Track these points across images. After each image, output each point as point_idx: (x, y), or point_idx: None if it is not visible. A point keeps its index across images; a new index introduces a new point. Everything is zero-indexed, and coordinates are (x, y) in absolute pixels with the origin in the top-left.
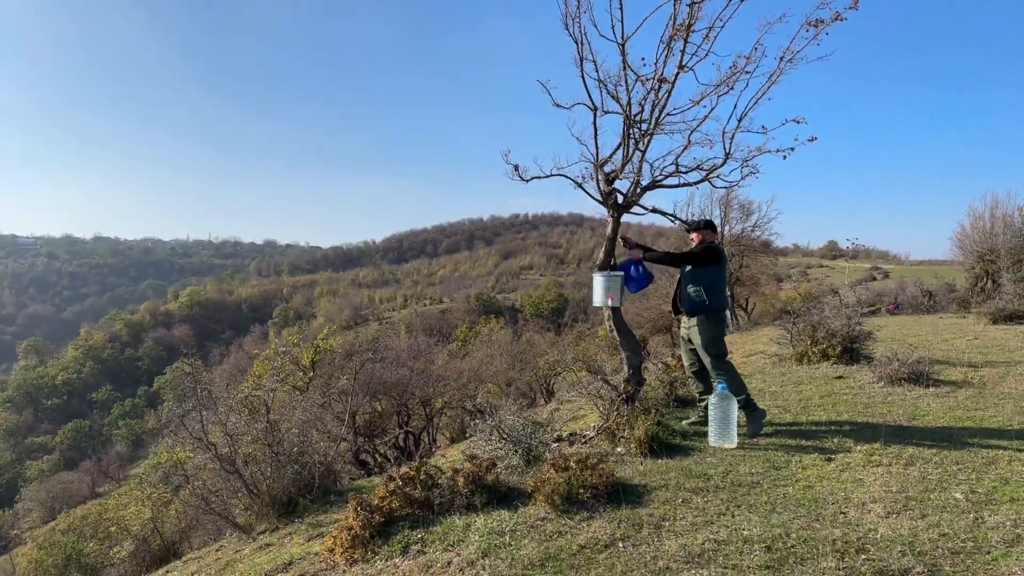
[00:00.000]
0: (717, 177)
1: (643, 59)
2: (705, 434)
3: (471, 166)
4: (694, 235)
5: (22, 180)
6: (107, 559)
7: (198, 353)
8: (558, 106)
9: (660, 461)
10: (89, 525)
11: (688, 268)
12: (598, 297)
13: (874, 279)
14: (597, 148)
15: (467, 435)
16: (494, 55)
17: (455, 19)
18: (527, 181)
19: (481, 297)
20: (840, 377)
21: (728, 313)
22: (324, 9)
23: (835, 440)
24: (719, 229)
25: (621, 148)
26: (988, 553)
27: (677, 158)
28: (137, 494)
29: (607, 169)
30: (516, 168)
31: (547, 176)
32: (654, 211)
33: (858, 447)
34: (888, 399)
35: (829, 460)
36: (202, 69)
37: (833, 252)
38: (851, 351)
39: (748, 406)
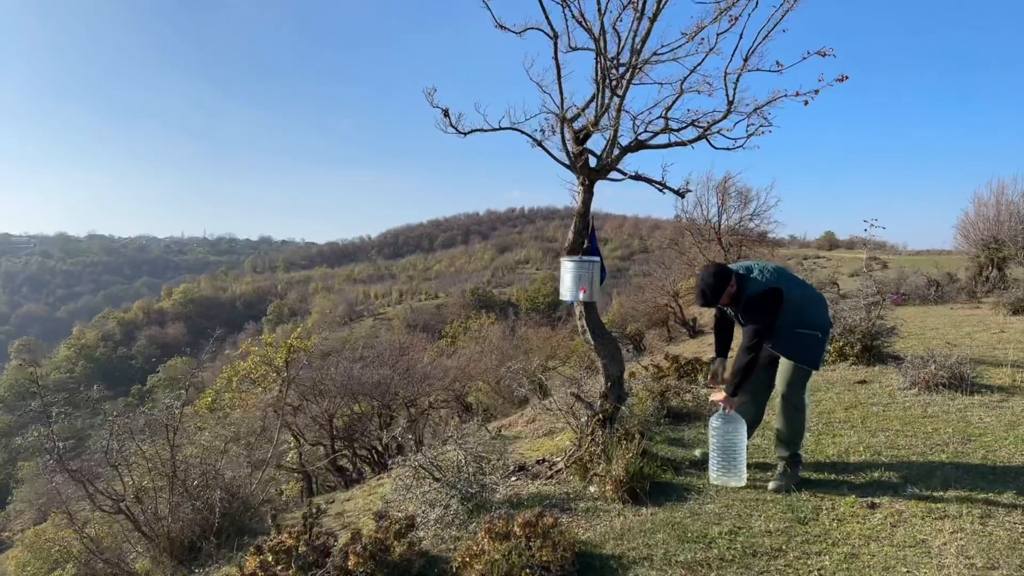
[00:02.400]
0: (718, 133)
1: None
2: (705, 462)
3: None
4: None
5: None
6: None
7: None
8: (501, 27)
9: (644, 512)
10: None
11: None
12: (567, 289)
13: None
14: (562, 95)
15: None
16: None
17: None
18: (465, 135)
19: (477, 291)
20: (863, 381)
21: None
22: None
23: (874, 473)
24: (717, 218)
25: (596, 98)
26: None
27: (667, 111)
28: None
29: (577, 125)
30: (446, 113)
31: (494, 130)
32: (637, 178)
33: (908, 487)
34: (929, 411)
35: (872, 508)
36: (195, 64)
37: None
38: (872, 350)
39: (794, 460)
